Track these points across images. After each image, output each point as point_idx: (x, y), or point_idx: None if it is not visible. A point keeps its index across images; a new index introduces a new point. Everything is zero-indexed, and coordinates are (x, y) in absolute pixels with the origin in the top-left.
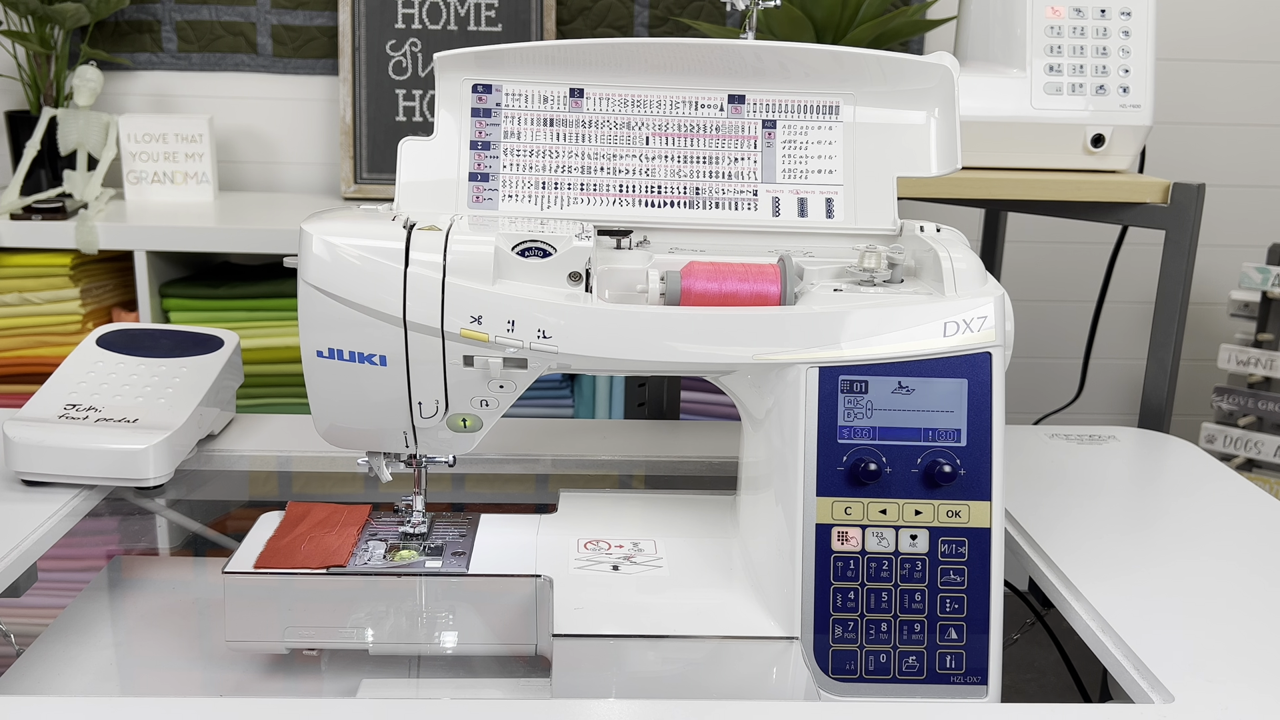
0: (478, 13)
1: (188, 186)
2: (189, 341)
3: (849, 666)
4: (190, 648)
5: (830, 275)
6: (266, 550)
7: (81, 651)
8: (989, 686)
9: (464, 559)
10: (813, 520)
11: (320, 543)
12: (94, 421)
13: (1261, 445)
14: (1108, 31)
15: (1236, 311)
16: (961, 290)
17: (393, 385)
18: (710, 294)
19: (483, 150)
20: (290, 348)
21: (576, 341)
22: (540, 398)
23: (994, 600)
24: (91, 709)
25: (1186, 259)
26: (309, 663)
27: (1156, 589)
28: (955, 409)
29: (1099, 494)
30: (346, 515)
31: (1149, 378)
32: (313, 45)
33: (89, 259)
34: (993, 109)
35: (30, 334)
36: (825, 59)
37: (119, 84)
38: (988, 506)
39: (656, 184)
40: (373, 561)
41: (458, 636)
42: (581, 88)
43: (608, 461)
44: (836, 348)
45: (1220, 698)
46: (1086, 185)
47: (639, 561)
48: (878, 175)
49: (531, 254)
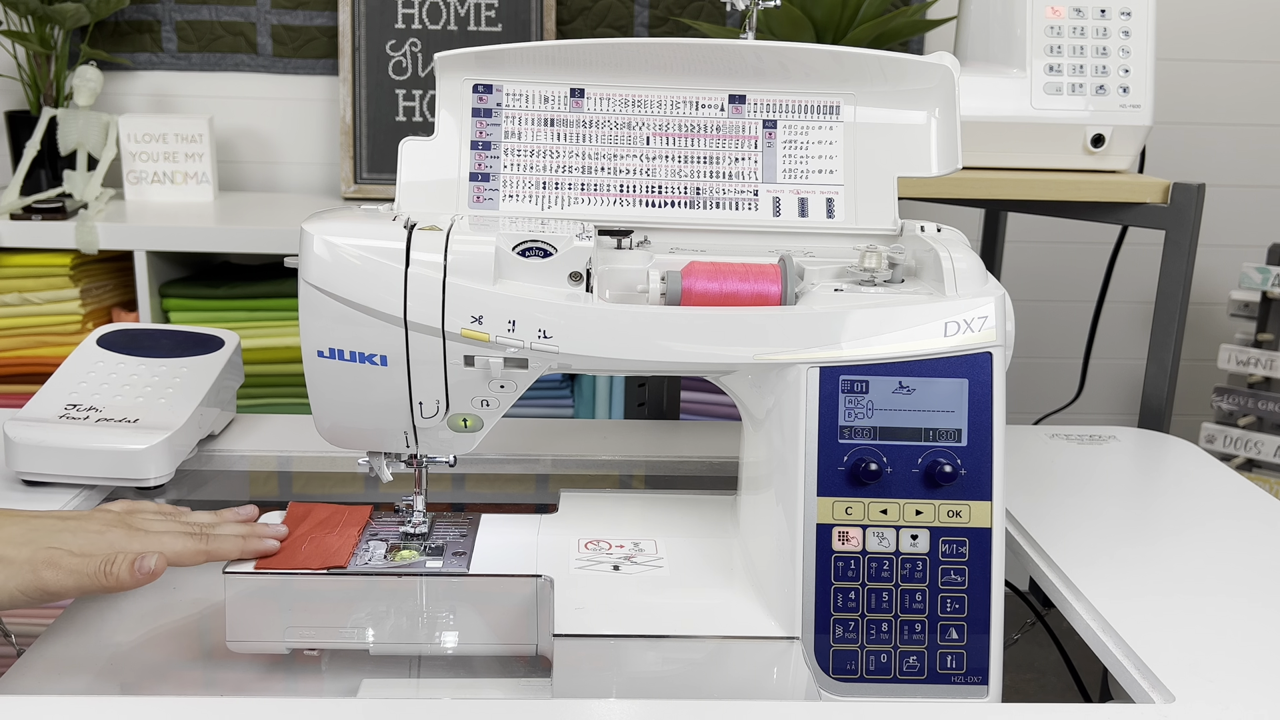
0: (478, 13)
1: (188, 186)
2: (189, 341)
3: (850, 666)
4: (190, 648)
5: (831, 275)
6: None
7: (81, 651)
8: (989, 686)
9: (464, 559)
10: (813, 520)
11: (321, 543)
12: (94, 421)
13: (1261, 445)
14: (1108, 31)
15: (1236, 311)
16: (962, 290)
17: (393, 385)
18: (711, 294)
19: (483, 150)
20: (290, 348)
21: (577, 341)
22: (540, 398)
23: (994, 600)
24: (91, 709)
25: (1186, 259)
26: (309, 663)
27: (1156, 589)
28: (956, 409)
29: (1099, 494)
30: (347, 516)
31: (1149, 378)
32: (313, 45)
33: (89, 259)
34: (993, 109)
35: (30, 334)
36: (825, 59)
37: (119, 84)
38: (988, 506)
39: (657, 184)
40: (373, 561)
41: (458, 636)
42: (582, 88)
43: (608, 461)
44: (837, 348)
45: (1220, 698)
46: (1086, 185)
47: (639, 561)
48: (878, 175)
49: (532, 254)
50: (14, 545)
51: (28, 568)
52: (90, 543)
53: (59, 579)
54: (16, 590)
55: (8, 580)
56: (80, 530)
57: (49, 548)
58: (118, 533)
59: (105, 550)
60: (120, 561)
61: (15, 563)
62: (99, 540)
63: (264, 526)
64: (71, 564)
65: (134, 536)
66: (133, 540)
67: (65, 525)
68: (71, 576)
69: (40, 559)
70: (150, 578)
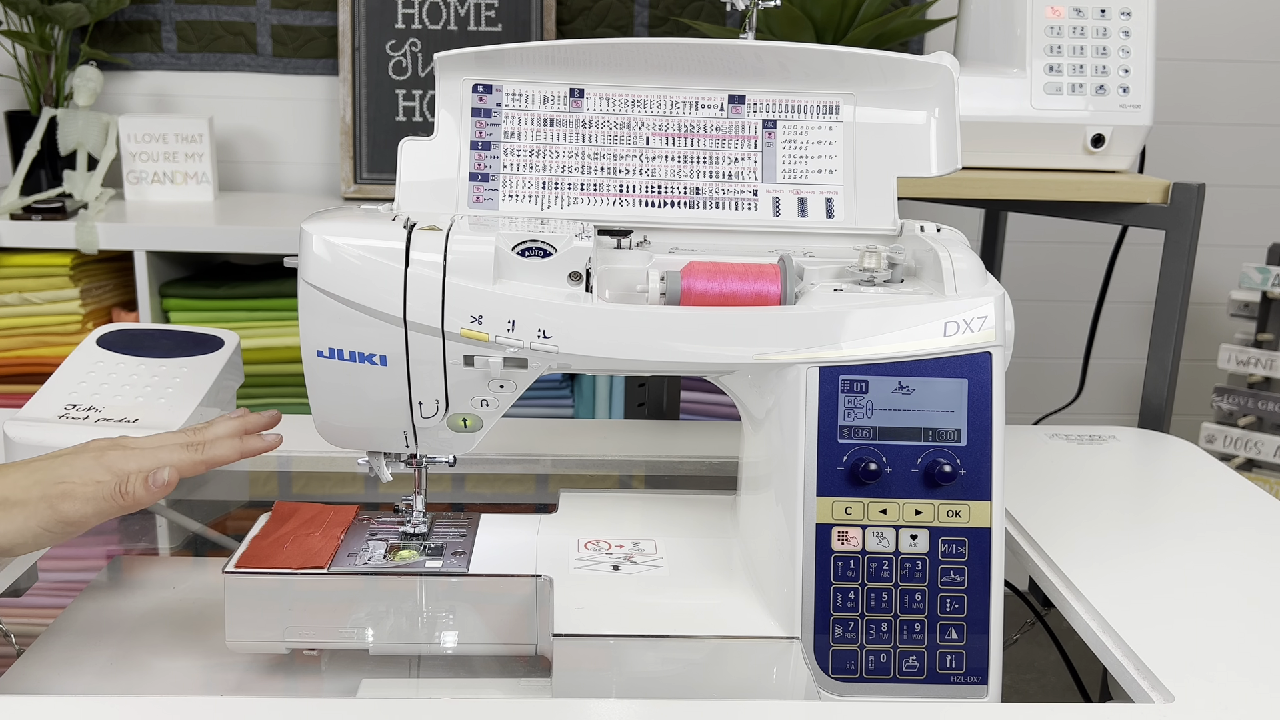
0: (478, 13)
1: (188, 186)
2: (189, 341)
3: (849, 666)
4: (190, 648)
5: (830, 275)
6: (249, 549)
7: (81, 651)
8: (989, 686)
9: (464, 559)
10: (813, 520)
11: (303, 544)
12: (94, 421)
13: (1261, 445)
14: (1108, 31)
15: (1236, 311)
16: (962, 290)
17: (393, 385)
18: (710, 294)
19: (483, 150)
20: (290, 348)
21: (576, 341)
22: (540, 398)
23: (994, 600)
24: (91, 709)
25: (1186, 259)
26: (309, 663)
27: (1156, 589)
28: (955, 409)
29: (1099, 494)
30: (333, 516)
31: (1149, 378)
32: (313, 45)
33: (89, 259)
34: (993, 109)
35: (30, 334)
36: (825, 59)
37: (119, 84)
38: (988, 506)
39: (657, 184)
40: (373, 561)
41: (458, 636)
42: (582, 88)
43: (608, 461)
44: (836, 347)
45: (1220, 697)
46: (1086, 185)
47: (639, 561)
48: (878, 175)
49: (532, 254)
50: (21, 488)
51: (44, 504)
52: (91, 469)
53: (77, 508)
54: (39, 528)
55: (28, 520)
56: (77, 460)
57: (57, 482)
58: (114, 455)
59: (106, 473)
60: (134, 480)
61: (29, 503)
62: (98, 465)
63: (256, 417)
64: (85, 491)
65: (130, 455)
66: (130, 459)
67: (62, 459)
68: (89, 503)
69: (53, 494)
70: (165, 489)
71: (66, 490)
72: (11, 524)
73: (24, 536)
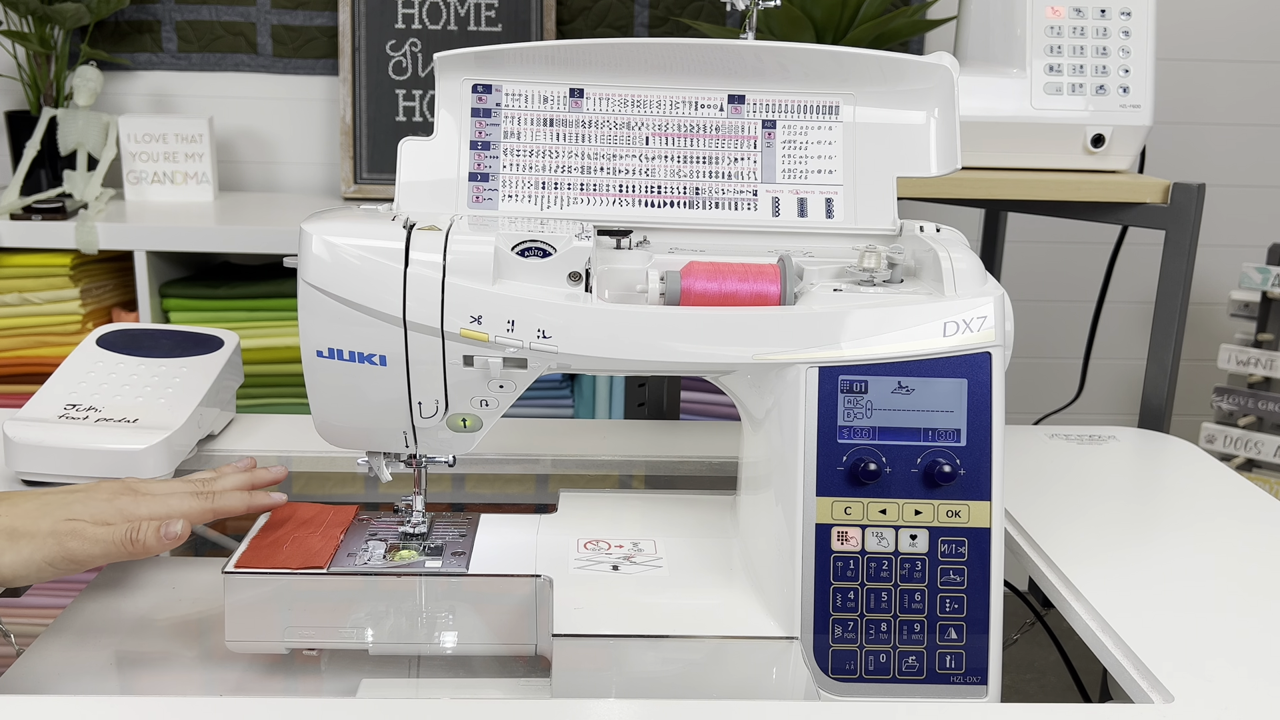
0: (478, 13)
1: (188, 186)
2: (189, 341)
3: (849, 666)
4: (190, 648)
5: (830, 275)
6: (249, 549)
7: (81, 651)
8: (989, 686)
9: (464, 559)
10: (813, 520)
11: (303, 544)
12: (94, 421)
13: (1261, 445)
14: (1108, 31)
15: (1236, 311)
16: (961, 290)
17: (393, 385)
18: (710, 294)
19: (483, 150)
20: (290, 348)
21: (576, 341)
22: (540, 398)
23: (994, 600)
24: (91, 709)
25: (1186, 259)
26: (309, 663)
27: (1156, 589)
28: (955, 409)
29: (1099, 494)
30: (332, 516)
31: (1149, 378)
32: (313, 45)
33: (89, 259)
34: (993, 109)
35: (30, 334)
36: (825, 59)
37: (119, 84)
38: (988, 506)
39: (656, 184)
40: (372, 561)
41: (457, 636)
42: (581, 88)
43: (608, 461)
44: (836, 348)
45: (1220, 698)
46: (1086, 185)
47: (639, 561)
48: (878, 175)
49: (531, 254)
50: (32, 519)
51: (52, 539)
52: (103, 511)
53: (85, 548)
54: (44, 562)
55: (34, 553)
56: (90, 500)
57: (67, 519)
58: (126, 499)
59: (117, 516)
60: (146, 528)
61: (38, 535)
62: (109, 507)
63: (264, 472)
64: (96, 533)
65: (141, 501)
66: (140, 505)
67: (74, 497)
68: (98, 545)
69: (63, 530)
70: (176, 541)
71: (76, 529)
72: (18, 555)
73: (29, 569)
